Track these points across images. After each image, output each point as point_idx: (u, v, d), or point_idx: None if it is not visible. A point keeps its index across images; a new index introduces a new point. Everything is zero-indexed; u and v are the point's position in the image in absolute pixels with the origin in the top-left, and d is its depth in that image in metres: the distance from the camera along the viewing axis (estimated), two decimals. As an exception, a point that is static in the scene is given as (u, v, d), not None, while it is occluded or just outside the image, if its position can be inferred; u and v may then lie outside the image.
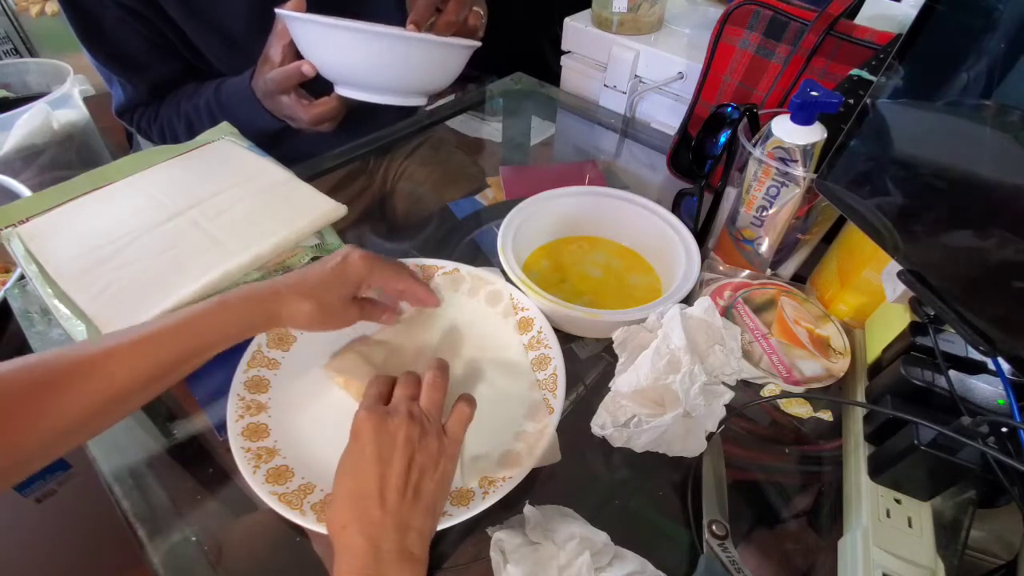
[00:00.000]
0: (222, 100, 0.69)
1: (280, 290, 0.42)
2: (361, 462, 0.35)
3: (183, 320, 0.38)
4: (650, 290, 0.60)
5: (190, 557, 0.39)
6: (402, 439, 0.36)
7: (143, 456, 0.45)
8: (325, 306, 0.43)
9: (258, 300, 0.41)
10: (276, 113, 0.66)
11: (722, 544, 0.39)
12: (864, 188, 0.44)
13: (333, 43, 0.56)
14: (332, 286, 0.44)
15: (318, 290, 0.43)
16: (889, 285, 0.48)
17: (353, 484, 0.35)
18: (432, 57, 0.59)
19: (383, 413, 0.37)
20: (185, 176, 0.61)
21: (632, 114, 0.89)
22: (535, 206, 0.60)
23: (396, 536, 0.33)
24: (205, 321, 0.39)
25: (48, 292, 0.48)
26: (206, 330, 0.38)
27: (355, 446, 0.36)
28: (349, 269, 0.45)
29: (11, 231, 0.53)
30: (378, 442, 0.35)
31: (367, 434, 0.36)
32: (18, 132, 0.96)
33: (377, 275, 0.46)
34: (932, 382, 0.40)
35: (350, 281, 0.45)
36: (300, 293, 0.42)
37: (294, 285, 0.43)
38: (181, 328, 0.38)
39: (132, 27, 0.66)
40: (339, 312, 0.45)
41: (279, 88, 0.62)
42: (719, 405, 0.44)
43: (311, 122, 0.64)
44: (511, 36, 1.56)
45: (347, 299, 0.45)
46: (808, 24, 0.59)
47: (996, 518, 0.43)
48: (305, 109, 0.63)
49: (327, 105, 0.63)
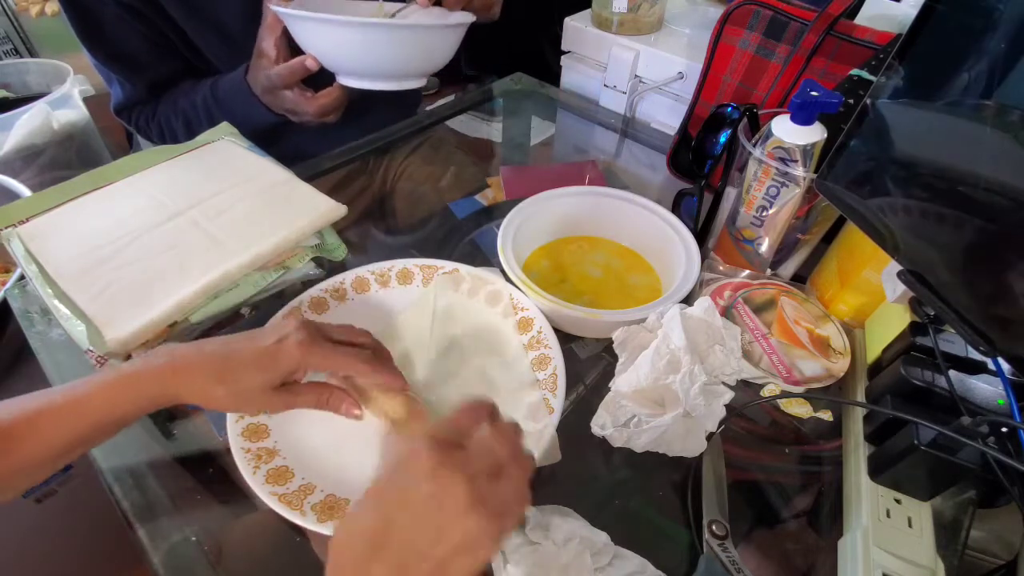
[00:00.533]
0: (219, 96, 0.69)
1: (187, 367, 0.37)
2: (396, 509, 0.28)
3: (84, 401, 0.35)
4: (650, 290, 0.60)
5: (190, 557, 0.39)
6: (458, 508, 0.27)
7: (143, 456, 0.45)
8: (240, 394, 0.38)
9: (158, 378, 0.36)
10: (276, 108, 0.66)
11: (722, 544, 0.39)
12: (864, 188, 0.44)
13: (330, 37, 0.57)
14: (253, 374, 0.38)
15: (236, 378, 0.37)
16: (889, 285, 0.48)
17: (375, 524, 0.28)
18: (430, 40, 0.60)
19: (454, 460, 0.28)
20: (185, 176, 0.61)
21: (632, 114, 0.89)
22: (535, 206, 0.60)
23: None
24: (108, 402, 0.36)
25: (48, 292, 0.48)
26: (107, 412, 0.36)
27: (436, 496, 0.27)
28: (280, 357, 0.38)
29: (11, 231, 0.53)
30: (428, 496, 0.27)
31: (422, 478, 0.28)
32: (18, 132, 0.96)
33: (315, 365, 0.40)
34: (932, 382, 0.40)
35: (277, 371, 0.39)
36: (213, 375, 0.37)
37: (207, 362, 0.37)
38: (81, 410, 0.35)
39: (132, 26, 0.66)
40: (257, 401, 0.39)
41: (283, 83, 0.62)
42: (719, 405, 0.44)
43: (316, 114, 0.64)
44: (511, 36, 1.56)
45: (267, 388, 0.39)
46: (808, 24, 0.59)
47: (996, 518, 0.43)
48: (309, 102, 0.63)
49: (331, 96, 0.64)
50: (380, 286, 0.56)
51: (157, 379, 0.37)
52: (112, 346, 0.45)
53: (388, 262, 0.57)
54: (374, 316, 0.54)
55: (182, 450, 0.46)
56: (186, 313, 0.49)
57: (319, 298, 0.54)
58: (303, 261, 0.57)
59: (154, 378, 0.37)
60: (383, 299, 0.56)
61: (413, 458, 0.28)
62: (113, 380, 0.36)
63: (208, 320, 0.51)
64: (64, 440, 0.35)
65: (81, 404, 0.35)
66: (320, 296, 0.54)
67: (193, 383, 0.37)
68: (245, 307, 0.54)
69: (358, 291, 0.56)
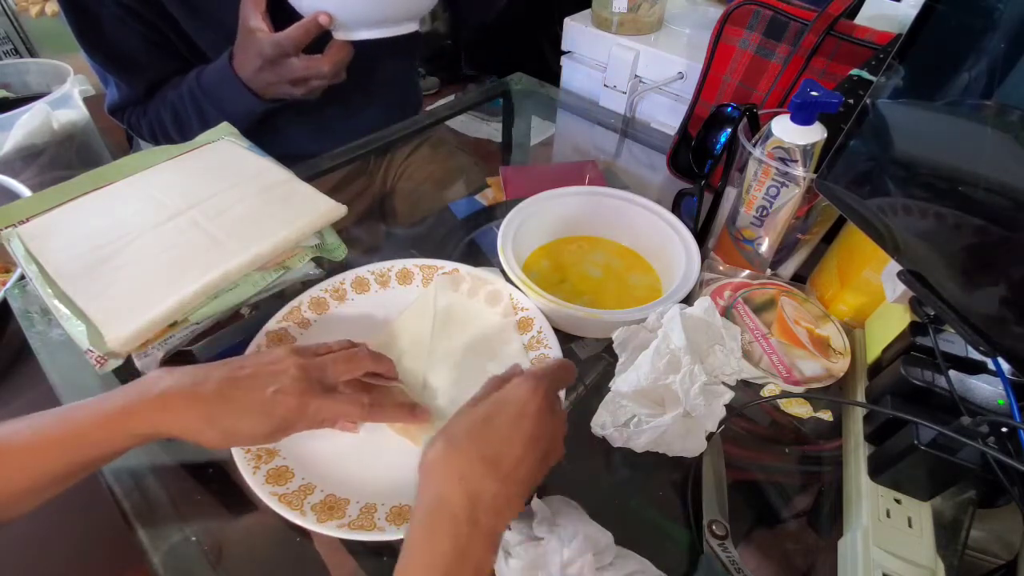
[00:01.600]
0: (204, 85, 0.68)
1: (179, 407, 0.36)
2: (513, 431, 0.34)
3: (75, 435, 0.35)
4: (650, 290, 0.60)
5: (190, 557, 0.39)
6: (551, 439, 0.36)
7: (143, 456, 0.45)
8: (231, 436, 0.38)
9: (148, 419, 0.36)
10: (271, 88, 0.65)
11: (722, 544, 0.39)
12: (864, 188, 0.44)
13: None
14: (250, 422, 0.37)
15: (232, 421, 0.37)
16: (889, 285, 0.48)
17: (490, 444, 0.33)
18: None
19: (554, 403, 0.37)
20: (185, 176, 0.61)
21: (632, 114, 0.89)
22: (535, 206, 0.60)
23: (495, 515, 0.32)
24: (99, 438, 0.35)
25: (48, 292, 0.48)
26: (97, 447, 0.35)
27: (512, 411, 0.35)
28: (279, 411, 0.37)
29: (11, 231, 0.53)
30: (537, 426, 0.34)
31: (533, 411, 0.35)
32: (18, 132, 0.96)
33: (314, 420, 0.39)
34: (932, 382, 0.40)
35: (274, 424, 0.38)
36: (207, 418, 0.36)
37: (202, 404, 0.36)
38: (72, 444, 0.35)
39: (131, 26, 0.66)
40: (250, 442, 0.40)
41: (294, 47, 0.60)
42: (719, 405, 0.44)
43: (332, 72, 0.63)
44: (511, 36, 1.56)
45: (264, 434, 0.38)
46: (808, 24, 0.59)
47: (996, 518, 0.43)
48: (322, 61, 0.62)
49: (341, 50, 0.63)
50: (380, 286, 0.56)
51: (148, 418, 0.36)
52: (112, 346, 0.45)
53: (388, 262, 0.57)
54: (374, 316, 0.54)
55: (182, 450, 0.45)
56: (186, 313, 0.49)
57: (319, 298, 0.54)
58: (303, 261, 0.57)
59: (146, 417, 0.36)
60: (383, 299, 0.56)
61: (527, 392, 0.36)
62: (107, 416, 0.35)
63: (208, 320, 0.51)
64: (59, 470, 0.35)
65: (76, 437, 0.35)
66: (320, 296, 0.54)
67: (186, 424, 0.36)
68: (245, 307, 0.54)
69: (358, 291, 0.56)
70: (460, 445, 0.34)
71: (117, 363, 0.47)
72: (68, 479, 0.36)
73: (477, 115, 0.96)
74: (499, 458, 0.33)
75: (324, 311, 0.54)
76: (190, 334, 0.51)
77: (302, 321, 0.52)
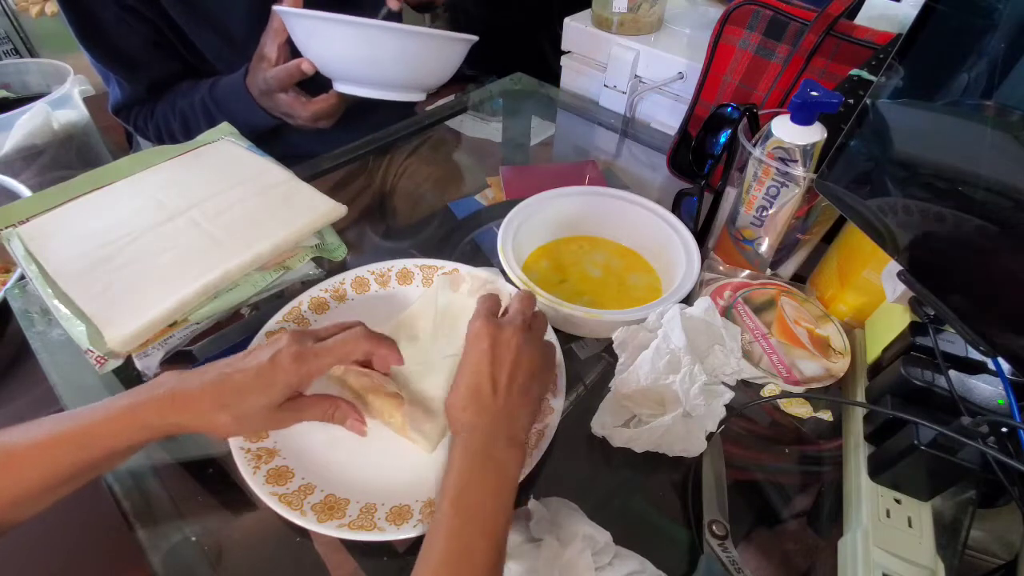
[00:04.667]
0: (217, 98, 0.69)
1: (187, 397, 0.37)
2: (480, 362, 0.40)
3: (85, 432, 0.35)
4: (650, 290, 0.60)
5: (190, 557, 0.39)
6: (515, 347, 0.41)
7: (143, 456, 0.45)
8: (244, 419, 0.38)
9: (157, 410, 0.37)
10: (273, 111, 0.67)
11: (722, 544, 0.39)
12: (864, 188, 0.44)
13: (331, 38, 0.56)
14: (254, 396, 0.38)
15: (237, 402, 0.38)
16: (889, 285, 0.48)
17: (473, 378, 0.40)
18: (429, 50, 0.59)
19: (499, 323, 0.43)
20: (185, 176, 0.61)
21: (632, 114, 0.89)
22: (535, 206, 0.60)
23: (507, 421, 0.39)
24: (109, 433, 0.36)
25: (48, 292, 0.48)
26: (107, 444, 0.36)
27: (475, 347, 0.41)
28: (278, 374, 0.38)
29: (11, 231, 0.53)
30: (495, 347, 0.41)
31: (486, 340, 0.41)
32: (18, 132, 0.96)
33: (314, 371, 0.40)
34: (932, 382, 0.40)
35: (275, 391, 0.39)
36: (214, 402, 0.37)
37: (208, 391, 0.37)
38: (82, 441, 0.35)
39: (131, 26, 0.66)
40: (263, 422, 0.40)
41: (278, 86, 0.62)
42: (719, 405, 0.44)
43: (310, 119, 0.64)
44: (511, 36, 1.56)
45: (273, 407, 0.39)
46: (808, 24, 0.59)
47: (996, 518, 0.43)
48: (304, 106, 0.63)
49: (326, 102, 0.64)
50: (380, 286, 0.56)
51: (158, 411, 0.37)
52: (112, 346, 0.45)
53: (388, 262, 0.57)
54: (374, 316, 0.54)
55: (182, 450, 0.46)
56: (186, 313, 0.49)
57: (319, 298, 0.54)
58: (303, 261, 0.57)
59: (156, 410, 0.37)
60: (383, 299, 0.56)
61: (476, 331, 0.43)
62: (117, 411, 0.36)
63: (208, 320, 0.51)
64: (70, 468, 0.35)
65: (87, 434, 0.36)
66: (320, 296, 0.54)
67: (196, 413, 0.37)
68: (245, 307, 0.54)
69: (358, 291, 0.56)
70: (456, 388, 0.41)
71: (117, 363, 0.48)
72: (78, 478, 0.36)
73: (477, 115, 0.96)
74: (480, 383, 0.40)
75: (324, 311, 0.54)
76: (190, 334, 0.51)
77: (302, 321, 0.52)
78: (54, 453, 0.35)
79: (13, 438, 0.35)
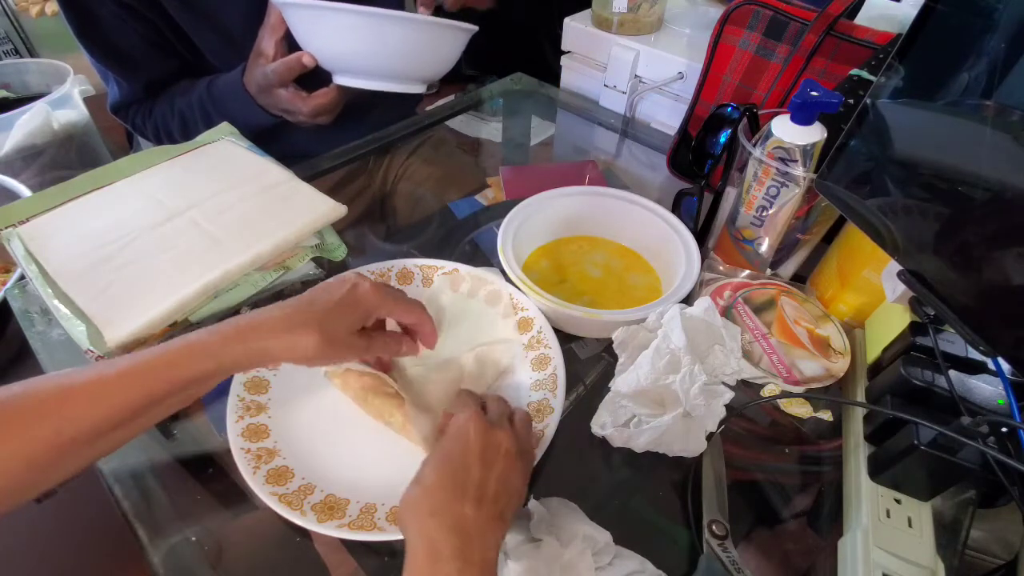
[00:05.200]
0: (215, 96, 0.69)
1: (267, 324, 0.38)
2: (466, 458, 0.35)
3: (144, 364, 0.35)
4: (650, 290, 0.60)
5: (190, 557, 0.39)
6: (504, 451, 0.37)
7: (143, 456, 0.45)
8: (331, 338, 0.39)
9: (222, 340, 0.37)
10: (271, 108, 0.66)
11: (722, 544, 0.39)
12: (864, 188, 0.44)
13: (332, 27, 0.56)
14: (340, 316, 0.40)
15: (325, 321, 0.39)
16: (889, 285, 0.48)
17: (451, 476, 0.34)
18: (430, 39, 0.59)
19: (490, 421, 0.38)
20: (185, 176, 0.61)
21: (632, 114, 0.89)
22: (535, 206, 0.60)
23: (480, 541, 0.32)
24: (168, 363, 0.35)
25: (48, 292, 0.48)
26: (168, 375, 0.35)
27: (459, 443, 0.36)
28: (360, 299, 0.41)
29: (11, 231, 0.53)
30: (484, 445, 0.36)
31: (475, 435, 0.36)
32: (18, 132, 0.96)
33: (388, 308, 0.43)
34: (932, 382, 0.40)
35: (359, 312, 0.41)
36: (302, 324, 0.38)
37: (290, 316, 0.39)
38: (141, 373, 0.35)
39: (129, 24, 0.66)
40: (346, 345, 0.41)
41: (278, 81, 0.62)
42: (719, 405, 0.44)
43: (311, 114, 0.64)
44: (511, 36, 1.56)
45: (354, 331, 0.41)
46: (808, 24, 0.59)
47: (996, 518, 0.43)
48: (304, 101, 0.63)
49: (326, 96, 0.64)
50: (380, 286, 0.56)
51: (222, 342, 0.36)
52: (112, 346, 0.45)
53: (388, 262, 0.57)
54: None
55: (182, 450, 0.46)
56: (186, 313, 0.49)
57: None
58: (303, 261, 0.57)
59: (219, 341, 0.36)
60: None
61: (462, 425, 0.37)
62: (174, 343, 0.36)
63: (208, 320, 0.51)
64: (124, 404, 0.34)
65: (139, 368, 0.35)
66: None
67: (280, 338, 0.38)
68: (245, 307, 0.54)
69: (358, 291, 0.56)
70: (424, 483, 0.34)
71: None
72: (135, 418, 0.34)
73: (477, 115, 0.96)
74: (463, 484, 0.34)
75: (324, 311, 0.54)
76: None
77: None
78: (111, 388, 0.34)
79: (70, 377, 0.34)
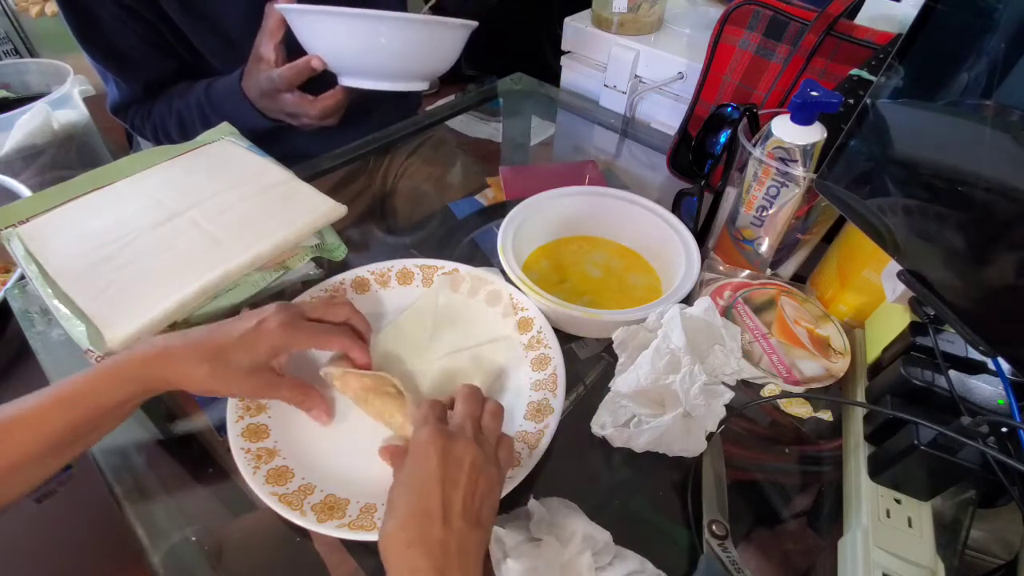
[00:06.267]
0: (212, 99, 0.69)
1: (171, 350, 0.39)
2: (428, 482, 0.34)
3: (73, 392, 0.37)
4: (650, 290, 0.60)
5: (190, 557, 0.39)
6: (468, 464, 0.35)
7: (143, 457, 0.45)
8: (223, 373, 0.39)
9: (142, 362, 0.38)
10: (273, 113, 0.66)
11: (722, 544, 0.39)
12: (864, 188, 0.44)
13: (338, 31, 0.57)
14: (238, 351, 0.40)
15: (220, 354, 0.39)
16: (889, 285, 0.48)
17: (418, 502, 0.33)
18: (432, 37, 0.60)
19: (449, 435, 0.36)
20: (185, 176, 0.61)
21: (632, 114, 0.89)
22: (535, 206, 0.60)
23: (459, 560, 0.32)
24: (95, 391, 0.37)
25: (48, 292, 0.48)
26: (96, 402, 0.37)
27: (421, 464, 0.35)
28: (262, 336, 0.41)
29: (11, 231, 0.53)
30: (445, 464, 0.35)
31: (435, 454, 0.35)
32: (18, 132, 0.96)
33: (300, 343, 0.43)
34: (932, 382, 0.40)
35: (260, 348, 0.41)
36: (196, 355, 0.39)
37: (191, 345, 0.39)
38: (71, 401, 0.36)
39: (129, 25, 0.66)
40: (241, 382, 0.41)
41: (286, 85, 0.62)
42: (719, 405, 0.44)
43: (318, 116, 0.64)
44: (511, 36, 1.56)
45: (251, 368, 0.41)
46: (808, 24, 0.59)
47: (996, 518, 0.43)
48: (311, 104, 0.63)
49: (333, 98, 0.63)
50: (380, 286, 0.56)
51: (142, 364, 0.38)
52: (112, 346, 0.45)
53: (388, 262, 0.57)
54: (374, 316, 0.54)
55: (182, 450, 0.46)
56: (186, 313, 0.49)
57: (319, 298, 0.54)
58: (303, 261, 0.57)
59: (139, 364, 0.38)
60: (383, 299, 0.56)
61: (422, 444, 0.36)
62: (99, 370, 0.38)
63: (208, 320, 0.51)
64: (56, 432, 0.36)
65: (69, 395, 0.37)
66: (320, 296, 0.54)
67: (178, 365, 0.39)
68: (245, 307, 0.54)
69: (358, 291, 0.56)
70: (396, 515, 0.34)
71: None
72: (69, 445, 0.37)
73: (477, 115, 0.96)
74: (429, 508, 0.33)
75: (324, 311, 0.54)
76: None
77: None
78: (45, 416, 0.36)
79: (5, 410, 0.36)
